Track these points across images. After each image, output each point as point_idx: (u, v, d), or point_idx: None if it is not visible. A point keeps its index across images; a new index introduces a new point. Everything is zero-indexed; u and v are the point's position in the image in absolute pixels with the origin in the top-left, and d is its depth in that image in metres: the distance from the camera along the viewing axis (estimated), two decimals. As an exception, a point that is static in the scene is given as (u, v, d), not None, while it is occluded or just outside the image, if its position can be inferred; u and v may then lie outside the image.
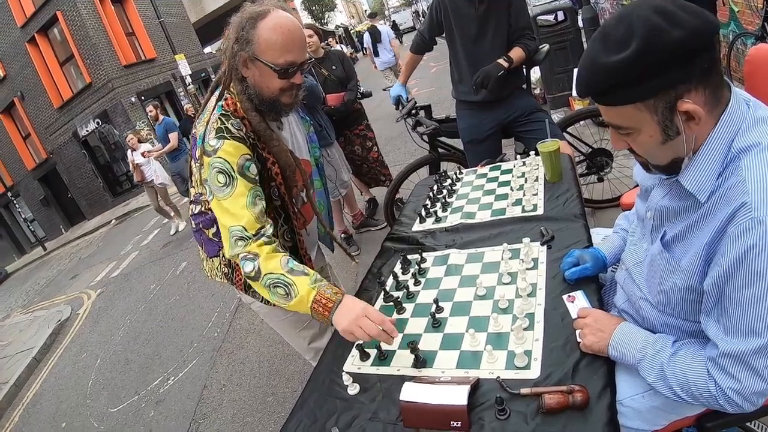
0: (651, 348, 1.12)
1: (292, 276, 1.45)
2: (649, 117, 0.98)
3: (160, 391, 3.99)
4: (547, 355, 1.25)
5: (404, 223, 2.31)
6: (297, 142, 1.85)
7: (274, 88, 1.54)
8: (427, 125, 3.36)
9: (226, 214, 1.51)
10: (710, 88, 0.96)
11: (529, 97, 3.10)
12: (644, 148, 1.06)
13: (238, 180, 1.49)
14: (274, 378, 3.47)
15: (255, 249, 1.49)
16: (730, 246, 0.93)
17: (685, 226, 1.06)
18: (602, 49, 0.96)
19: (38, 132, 18.38)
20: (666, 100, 0.95)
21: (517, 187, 2.19)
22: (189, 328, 4.91)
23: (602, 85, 0.99)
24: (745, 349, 0.94)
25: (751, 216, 0.90)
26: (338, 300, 1.44)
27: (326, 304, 1.43)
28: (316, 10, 53.82)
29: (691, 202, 1.05)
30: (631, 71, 0.93)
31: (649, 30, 0.91)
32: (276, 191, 1.66)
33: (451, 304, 1.57)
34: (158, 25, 16.73)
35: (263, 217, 1.54)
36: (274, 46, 1.48)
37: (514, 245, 1.72)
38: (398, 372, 1.38)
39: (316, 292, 1.44)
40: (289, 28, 1.49)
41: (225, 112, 1.55)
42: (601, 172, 3.47)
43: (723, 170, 0.98)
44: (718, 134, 0.98)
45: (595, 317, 1.24)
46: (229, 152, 1.49)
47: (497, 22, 2.79)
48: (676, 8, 0.92)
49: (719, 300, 0.99)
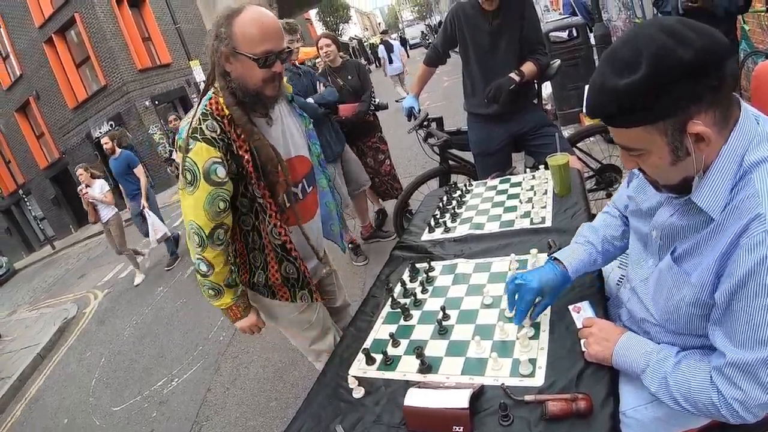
0: (654, 357, 1.13)
1: (226, 288, 1.82)
2: (659, 139, 0.98)
3: (163, 392, 4.00)
4: (551, 364, 1.26)
5: (413, 232, 2.33)
6: (292, 138, 1.87)
7: (256, 79, 1.60)
8: (439, 137, 3.40)
9: (186, 207, 1.66)
10: (720, 109, 0.96)
11: (539, 112, 3.12)
12: (654, 170, 1.06)
13: (200, 182, 1.59)
14: (278, 383, 3.48)
15: (211, 258, 1.71)
16: (743, 257, 0.93)
17: (696, 241, 1.06)
18: (610, 72, 0.97)
19: (52, 131, 18.58)
20: (675, 123, 0.95)
21: (526, 199, 2.21)
22: (195, 331, 4.94)
23: (611, 108, 0.99)
24: (753, 360, 0.95)
25: (764, 228, 0.91)
26: (245, 315, 1.92)
27: (236, 314, 1.90)
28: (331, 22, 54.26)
29: (702, 218, 1.05)
30: (639, 95, 0.93)
31: (657, 51, 0.91)
32: (256, 189, 1.69)
33: (457, 311, 1.59)
34: (174, 30, 16.84)
35: (218, 217, 1.66)
36: (251, 38, 1.54)
37: (522, 256, 1.74)
38: (403, 377, 1.40)
39: (234, 303, 1.87)
40: (263, 19, 1.57)
41: (205, 111, 1.61)
42: (609, 188, 3.48)
43: (735, 184, 0.99)
44: (729, 151, 0.99)
45: (600, 327, 1.25)
46: (198, 154, 1.57)
47: (510, 35, 2.83)
48: (684, 28, 0.92)
49: (728, 310, 0.99)
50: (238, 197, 1.71)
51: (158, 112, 17.76)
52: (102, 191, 6.67)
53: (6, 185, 20.61)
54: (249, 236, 1.81)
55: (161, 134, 17.59)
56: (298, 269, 1.87)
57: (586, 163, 3.43)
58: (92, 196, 6.61)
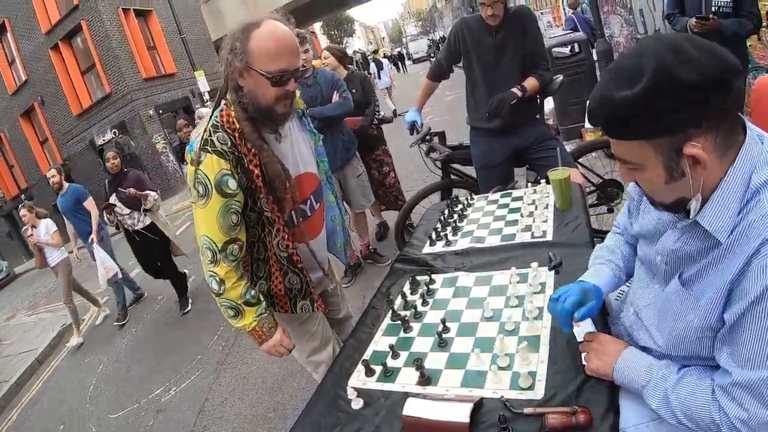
0: (656, 373, 1.12)
1: (245, 306, 1.73)
2: (654, 156, 0.98)
3: (161, 401, 3.99)
4: (551, 377, 1.26)
5: (414, 245, 2.34)
6: (300, 154, 1.86)
7: (269, 96, 1.58)
8: (441, 151, 3.42)
9: (199, 221, 1.65)
10: (722, 133, 0.95)
11: (542, 126, 3.14)
12: (649, 186, 1.07)
13: (213, 194, 1.58)
14: (277, 394, 3.47)
15: (223, 274, 1.67)
16: (755, 279, 0.93)
17: (703, 265, 1.05)
18: (612, 83, 0.97)
19: (56, 137, 18.62)
20: (672, 142, 0.95)
21: (527, 213, 2.22)
22: (194, 340, 4.93)
23: (609, 118, 1.00)
24: (758, 379, 0.94)
25: None
26: (271, 334, 1.80)
27: (261, 335, 1.78)
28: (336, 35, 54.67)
29: (708, 242, 1.04)
30: (637, 109, 0.93)
31: (658, 67, 0.90)
32: (264, 203, 1.70)
33: (457, 324, 1.59)
34: (179, 40, 17.02)
35: (232, 230, 1.65)
36: (267, 54, 1.52)
37: (523, 269, 1.75)
38: (403, 389, 1.40)
39: (257, 324, 1.76)
40: (281, 36, 1.54)
41: (216, 123, 1.60)
42: (611, 203, 3.49)
43: (743, 207, 0.98)
44: (735, 173, 0.98)
45: (601, 341, 1.25)
46: (209, 166, 1.56)
47: (514, 50, 2.86)
48: (691, 46, 0.92)
49: (735, 330, 0.98)
50: (246, 211, 1.71)
51: (162, 122, 17.82)
52: (48, 232, 5.97)
53: (8, 189, 20.63)
54: (254, 247, 1.80)
55: (164, 143, 17.65)
56: (301, 280, 1.86)
57: (587, 178, 3.44)
58: (38, 239, 5.95)
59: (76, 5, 16.46)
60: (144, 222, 5.45)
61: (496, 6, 2.71)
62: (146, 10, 18.60)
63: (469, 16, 3.02)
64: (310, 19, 39.38)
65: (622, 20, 9.24)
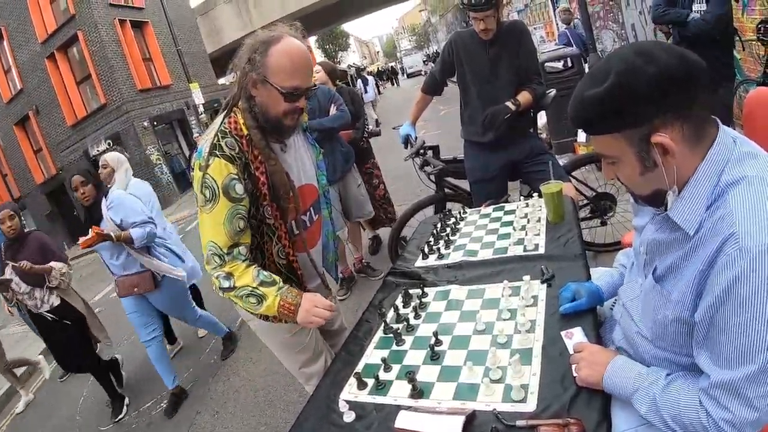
0: (645, 380, 1.14)
1: (262, 288, 1.66)
2: (627, 147, 1.05)
3: (152, 413, 3.95)
4: (543, 389, 1.26)
5: (407, 258, 2.34)
6: (303, 166, 1.90)
7: (279, 109, 1.64)
8: (435, 165, 3.44)
9: (204, 227, 1.65)
10: (690, 125, 1.01)
11: (535, 140, 3.16)
12: (627, 178, 1.12)
13: (220, 198, 1.60)
14: (269, 408, 3.44)
15: (229, 269, 1.65)
16: (719, 276, 0.96)
17: (675, 259, 1.10)
18: (586, 84, 1.06)
19: (50, 147, 18.62)
20: (640, 132, 1.02)
21: (519, 227, 2.23)
22: (186, 352, 4.90)
23: (582, 115, 1.08)
24: (736, 378, 0.96)
25: (738, 246, 0.93)
26: (298, 303, 1.68)
27: (290, 308, 1.67)
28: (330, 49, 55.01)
29: (680, 235, 1.08)
30: (605, 104, 1.02)
31: (624, 66, 0.99)
32: (268, 210, 1.73)
33: (450, 337, 1.59)
34: (175, 52, 17.10)
35: (238, 236, 1.65)
36: (283, 70, 1.58)
37: (515, 282, 1.75)
38: (395, 402, 1.39)
39: (280, 299, 1.66)
40: (298, 54, 1.61)
41: (224, 129, 1.64)
42: (604, 216, 3.51)
43: (712, 203, 1.02)
44: (705, 168, 1.03)
45: (591, 351, 1.27)
46: (217, 170, 1.59)
47: (508, 64, 2.89)
48: (657, 49, 1.00)
49: (710, 330, 1.01)
50: (248, 218, 1.72)
51: (156, 133, 17.86)
52: None
53: (1, 198, 20.55)
54: (252, 254, 1.80)
55: (158, 155, 17.65)
56: (298, 288, 1.86)
57: (581, 192, 3.46)
58: None
59: (72, 15, 16.56)
60: (51, 302, 3.94)
61: (488, 20, 2.73)
62: (142, 21, 18.69)
63: (463, 30, 3.05)
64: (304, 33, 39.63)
65: (615, 35, 9.37)
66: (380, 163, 4.92)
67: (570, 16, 8.72)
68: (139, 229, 3.42)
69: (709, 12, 3.53)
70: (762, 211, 0.94)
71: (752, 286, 0.92)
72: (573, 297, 1.53)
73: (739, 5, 3.90)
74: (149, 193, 4.16)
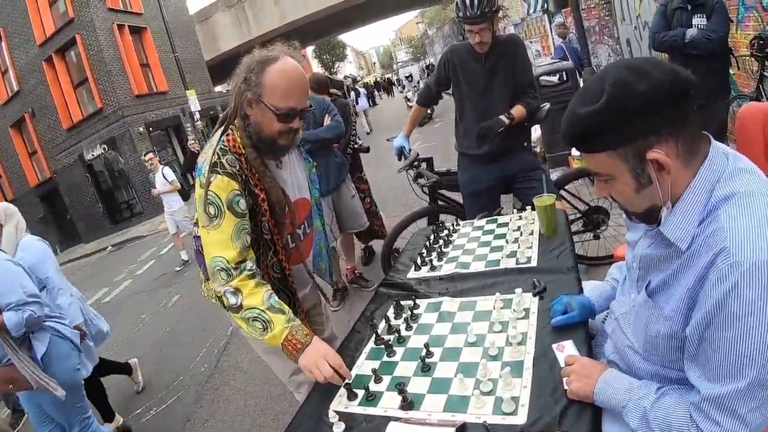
0: (635, 393, 1.14)
1: (270, 313, 1.58)
2: (622, 165, 1.05)
3: (141, 421, 3.92)
4: (534, 402, 1.26)
5: (400, 269, 2.35)
6: (297, 181, 1.92)
7: (273, 129, 1.64)
8: (428, 177, 3.45)
9: (210, 244, 1.63)
10: (683, 140, 1.02)
11: (529, 155, 3.18)
12: (621, 196, 1.13)
13: (225, 213, 1.59)
14: (259, 417, 3.42)
15: (237, 284, 1.60)
16: (711, 291, 0.97)
17: (668, 274, 1.10)
18: (579, 102, 1.07)
19: (45, 150, 18.55)
20: (635, 149, 1.02)
21: (512, 239, 2.23)
22: (176, 360, 4.87)
23: (575, 133, 1.08)
24: (726, 393, 0.96)
25: (729, 261, 0.94)
26: (307, 342, 1.58)
27: (296, 345, 1.57)
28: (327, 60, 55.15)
29: (673, 250, 1.09)
30: (599, 122, 1.02)
31: (616, 83, 1.00)
32: (266, 225, 1.74)
33: (441, 349, 1.59)
34: (173, 59, 17.12)
35: (246, 251, 1.64)
36: (279, 91, 1.59)
37: (507, 295, 1.75)
38: (385, 413, 1.39)
39: (288, 332, 1.57)
40: (294, 75, 1.62)
41: (223, 147, 1.65)
42: (597, 230, 3.52)
43: (704, 219, 1.03)
44: (697, 184, 1.04)
45: (582, 364, 1.27)
46: (220, 187, 1.59)
47: (503, 78, 2.91)
48: (649, 66, 1.00)
49: (701, 345, 1.01)
50: None
51: (152, 139, 17.82)
52: None
53: (-6, 200, 20.48)
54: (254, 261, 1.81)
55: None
56: (291, 301, 1.88)
57: (573, 205, 3.48)
58: None
59: (71, 18, 16.58)
60: None
61: (483, 33, 2.75)
62: (141, 27, 18.71)
63: (460, 43, 3.07)
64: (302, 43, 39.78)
65: (610, 50, 9.45)
66: (374, 174, 4.94)
67: (565, 31, 8.79)
68: (13, 313, 2.50)
69: (713, 31, 3.55)
70: (753, 226, 0.95)
71: (743, 300, 0.92)
72: (565, 310, 1.53)
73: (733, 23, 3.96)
74: (44, 257, 3.09)
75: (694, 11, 3.66)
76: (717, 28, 3.54)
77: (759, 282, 0.91)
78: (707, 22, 3.60)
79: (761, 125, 1.97)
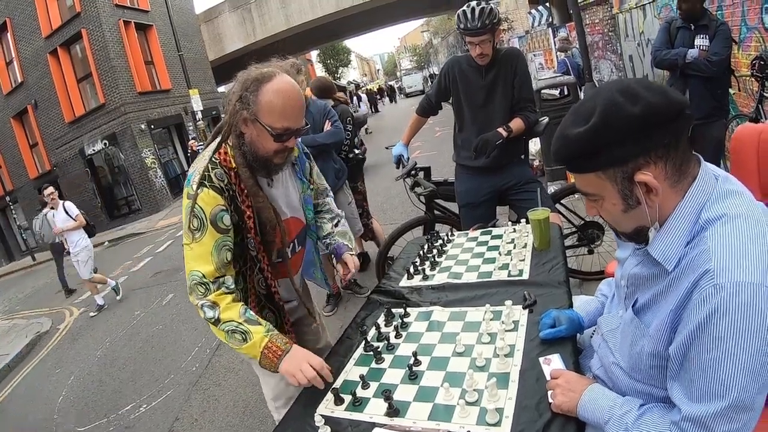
0: (618, 410, 1.15)
1: (248, 325, 1.60)
2: (610, 186, 1.07)
3: (130, 417, 3.93)
4: (518, 414, 1.27)
5: (392, 277, 2.36)
6: (290, 201, 1.90)
7: (268, 149, 1.63)
8: (425, 187, 3.47)
9: (190, 258, 1.62)
10: (672, 163, 1.03)
11: (526, 168, 3.20)
12: (609, 216, 1.15)
13: (208, 228, 1.59)
14: (248, 419, 3.43)
15: (215, 298, 1.61)
16: (694, 312, 0.98)
17: (655, 293, 1.12)
18: (570, 122, 1.08)
19: (46, 143, 18.54)
20: (623, 171, 1.04)
21: (505, 252, 2.25)
22: (168, 359, 4.88)
23: (565, 153, 1.10)
24: (706, 413, 0.97)
25: (713, 283, 0.95)
26: (287, 349, 1.61)
27: (276, 352, 1.59)
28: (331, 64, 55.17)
29: (660, 270, 1.10)
30: (589, 143, 1.04)
31: (609, 106, 1.01)
32: (252, 242, 1.72)
33: (429, 358, 1.61)
34: (177, 57, 17.11)
35: (225, 267, 1.64)
36: (274, 111, 1.57)
37: (497, 307, 1.77)
38: (370, 419, 1.40)
39: (268, 340, 1.60)
40: (290, 94, 1.59)
41: (214, 160, 1.64)
42: (591, 245, 3.54)
43: (691, 240, 1.05)
44: (685, 206, 1.05)
45: (567, 378, 1.28)
46: (206, 201, 1.59)
47: (503, 90, 2.92)
48: (641, 88, 1.01)
49: (683, 364, 1.03)
50: (233, 247, 1.71)
51: (153, 137, 17.84)
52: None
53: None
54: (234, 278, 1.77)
55: (153, 158, 17.63)
56: (277, 318, 1.88)
57: (569, 220, 3.50)
58: None
59: (78, 12, 16.62)
60: None
61: (484, 45, 2.77)
62: (147, 24, 18.76)
63: (461, 55, 3.08)
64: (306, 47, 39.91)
65: (613, 65, 9.49)
66: (372, 181, 4.94)
67: (567, 45, 8.84)
68: None
69: (714, 53, 3.54)
70: (739, 248, 0.97)
71: (726, 323, 0.94)
72: (553, 323, 1.55)
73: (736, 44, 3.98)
74: None
75: (696, 31, 3.66)
76: (718, 50, 3.53)
77: (741, 304, 0.93)
78: (709, 43, 3.61)
79: (755, 147, 1.98)
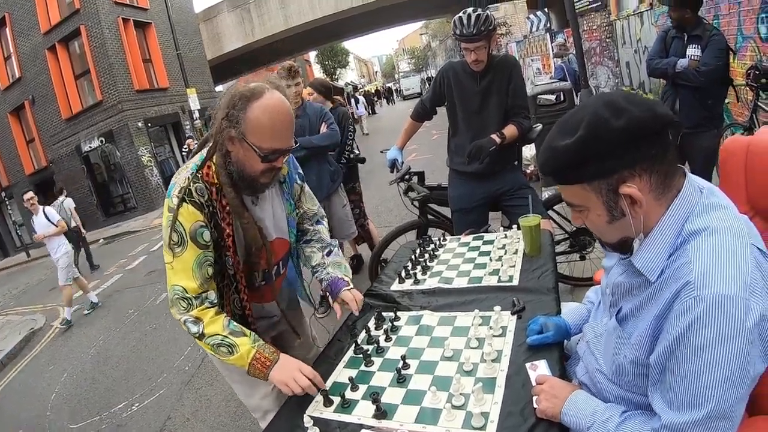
0: (601, 416, 1.18)
1: (233, 337, 1.61)
2: (595, 197, 1.09)
3: (122, 416, 3.94)
4: (504, 419, 1.30)
5: (384, 281, 2.38)
6: (276, 221, 1.85)
7: (255, 169, 1.57)
8: (419, 191, 3.49)
9: (171, 271, 1.60)
10: (657, 175, 1.06)
11: (519, 174, 3.22)
12: (594, 226, 1.17)
13: (188, 243, 1.56)
14: (240, 419, 3.45)
15: (197, 314, 1.60)
16: (674, 322, 1.00)
17: (638, 302, 1.14)
18: (556, 134, 1.10)
19: (42, 139, 18.52)
20: (608, 183, 1.06)
21: (496, 257, 2.27)
22: (161, 358, 4.89)
23: (553, 165, 1.12)
24: (684, 422, 0.99)
25: (693, 294, 0.98)
26: (275, 359, 1.62)
27: (265, 362, 1.60)
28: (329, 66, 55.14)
29: (643, 281, 1.13)
30: (574, 155, 1.06)
31: (593, 119, 1.03)
32: (229, 261, 1.68)
33: (417, 362, 1.63)
34: (175, 56, 17.11)
35: (207, 283, 1.62)
36: (262, 131, 1.50)
37: (486, 312, 1.79)
38: (358, 421, 1.43)
39: (256, 351, 1.61)
40: (279, 113, 1.52)
41: (197, 175, 1.58)
42: (583, 251, 3.56)
43: (674, 252, 1.07)
44: (669, 218, 1.08)
45: (552, 384, 1.30)
46: (185, 216, 1.55)
47: (498, 97, 2.94)
48: (626, 102, 1.04)
49: (663, 373, 1.05)
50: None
51: (150, 135, 17.82)
52: None
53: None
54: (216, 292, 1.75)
55: (150, 156, 17.61)
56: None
57: (561, 226, 3.53)
58: None
59: (77, 9, 16.63)
60: None
61: (479, 51, 2.78)
62: (145, 22, 18.74)
63: (456, 61, 3.10)
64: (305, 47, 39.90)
65: (609, 72, 9.55)
66: (367, 184, 4.96)
67: (563, 52, 8.89)
68: None
69: (704, 64, 3.52)
70: (719, 261, 0.99)
71: (705, 334, 0.96)
72: (541, 330, 1.57)
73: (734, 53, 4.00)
74: None
75: (689, 41, 3.67)
76: (708, 61, 3.52)
77: (720, 316, 0.95)
78: (701, 53, 3.62)
79: (743, 159, 2.01)
